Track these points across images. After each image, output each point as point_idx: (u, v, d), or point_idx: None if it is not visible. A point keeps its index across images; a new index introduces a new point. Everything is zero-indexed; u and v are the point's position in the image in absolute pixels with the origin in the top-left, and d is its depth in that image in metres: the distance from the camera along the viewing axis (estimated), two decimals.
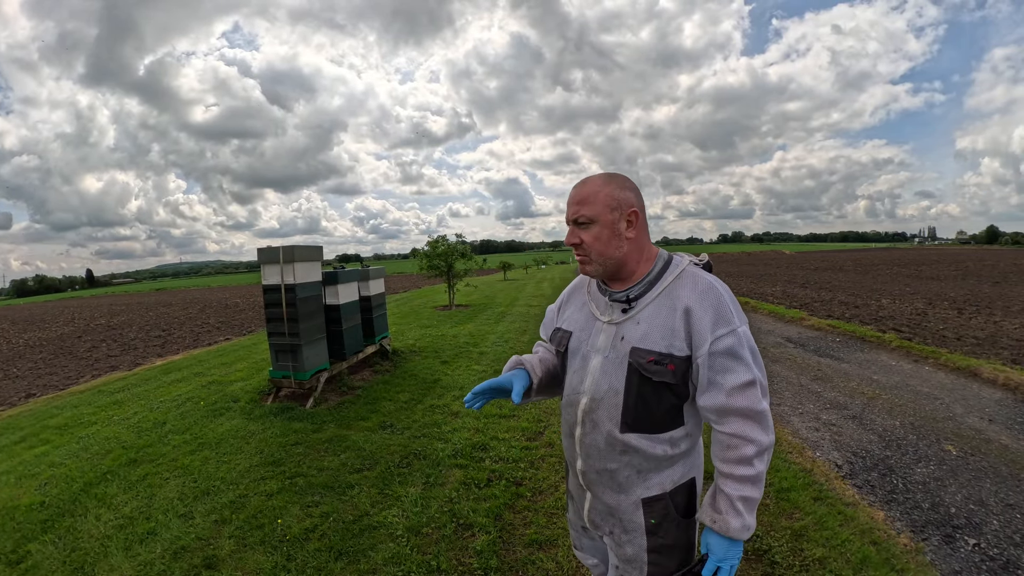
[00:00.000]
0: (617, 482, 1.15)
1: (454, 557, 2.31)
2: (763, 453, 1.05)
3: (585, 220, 1.13)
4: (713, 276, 1.13)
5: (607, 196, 1.12)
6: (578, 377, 1.20)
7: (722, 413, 1.06)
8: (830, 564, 2.16)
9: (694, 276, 1.12)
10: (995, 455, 3.20)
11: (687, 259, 1.18)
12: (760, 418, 1.05)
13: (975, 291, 12.09)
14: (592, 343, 1.18)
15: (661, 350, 1.07)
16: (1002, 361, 5.26)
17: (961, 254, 40.59)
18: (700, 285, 1.09)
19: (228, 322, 14.39)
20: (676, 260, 1.17)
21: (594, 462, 1.17)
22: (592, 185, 1.14)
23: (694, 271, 1.13)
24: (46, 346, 11.85)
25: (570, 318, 1.29)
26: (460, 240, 12.65)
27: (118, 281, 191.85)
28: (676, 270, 1.14)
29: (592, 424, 1.16)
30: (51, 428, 4.60)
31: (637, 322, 1.12)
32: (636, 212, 1.14)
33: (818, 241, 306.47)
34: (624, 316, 1.15)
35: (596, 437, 1.15)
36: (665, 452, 1.12)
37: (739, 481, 1.05)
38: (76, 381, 7.21)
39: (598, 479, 1.18)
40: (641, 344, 1.09)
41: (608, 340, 1.15)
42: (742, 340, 1.05)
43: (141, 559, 2.40)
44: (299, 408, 4.55)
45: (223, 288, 47.45)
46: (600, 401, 1.14)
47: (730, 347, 1.04)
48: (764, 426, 1.05)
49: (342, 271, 5.36)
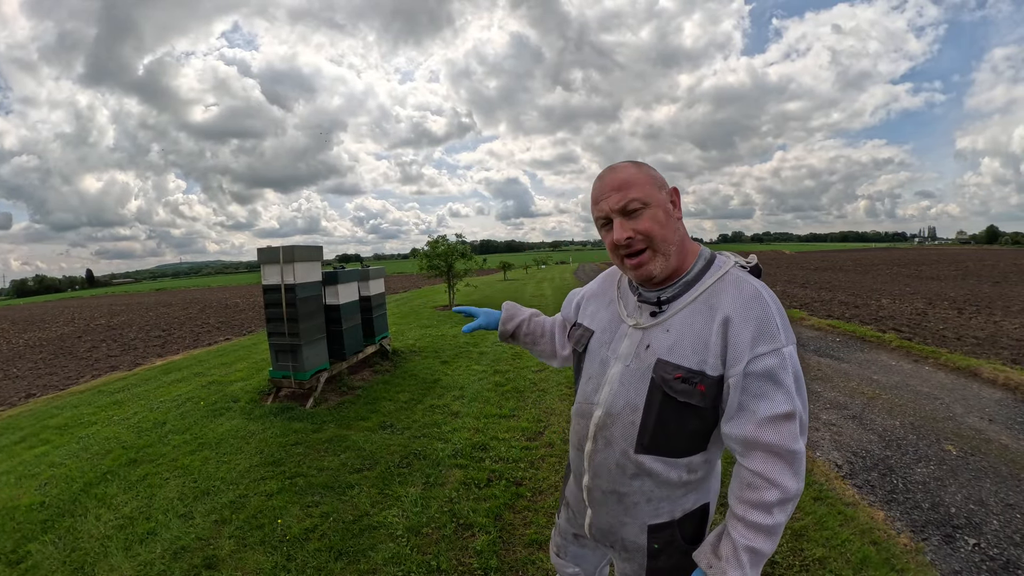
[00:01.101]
0: (624, 506, 1.04)
1: (454, 557, 2.31)
2: (786, 503, 0.90)
3: (639, 205, 0.96)
4: (761, 283, 0.96)
5: (649, 176, 0.99)
6: (593, 385, 1.07)
7: (749, 445, 0.91)
8: (830, 564, 2.16)
9: (738, 280, 0.95)
10: (995, 455, 3.20)
11: (732, 259, 1.02)
12: (792, 459, 0.89)
13: (975, 291, 12.09)
14: (614, 348, 1.05)
15: (691, 366, 0.93)
16: (1002, 361, 5.26)
17: (961, 254, 40.61)
18: (745, 292, 0.93)
19: (228, 322, 14.39)
20: (720, 260, 1.02)
21: (602, 482, 1.05)
22: (627, 169, 1.00)
23: (739, 275, 0.97)
24: (46, 346, 11.85)
25: (594, 315, 1.17)
26: (460, 240, 12.66)
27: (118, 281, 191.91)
28: (718, 272, 0.98)
29: (605, 441, 1.03)
30: (51, 428, 4.60)
31: (667, 329, 0.98)
32: (677, 190, 1.02)
33: (818, 241, 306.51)
34: (653, 321, 1.00)
35: (607, 456, 1.03)
36: (680, 477, 1.00)
37: (751, 528, 0.90)
38: (76, 381, 7.21)
39: (604, 499, 1.07)
40: (669, 356, 0.95)
41: (632, 347, 1.02)
42: (786, 362, 0.90)
43: (141, 559, 2.40)
44: (299, 408, 4.55)
45: (223, 288, 47.46)
46: (616, 417, 1.01)
47: (770, 369, 0.88)
48: (795, 470, 0.89)
49: (342, 271, 5.36)
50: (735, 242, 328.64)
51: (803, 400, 0.92)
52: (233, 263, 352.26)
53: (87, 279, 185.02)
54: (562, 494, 1.33)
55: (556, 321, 1.42)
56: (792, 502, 0.91)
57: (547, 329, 1.41)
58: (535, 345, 1.41)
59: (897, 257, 36.99)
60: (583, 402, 1.10)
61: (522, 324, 1.41)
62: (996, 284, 13.86)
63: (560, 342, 1.40)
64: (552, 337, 1.41)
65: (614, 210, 0.97)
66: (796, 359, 0.93)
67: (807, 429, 0.94)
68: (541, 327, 1.42)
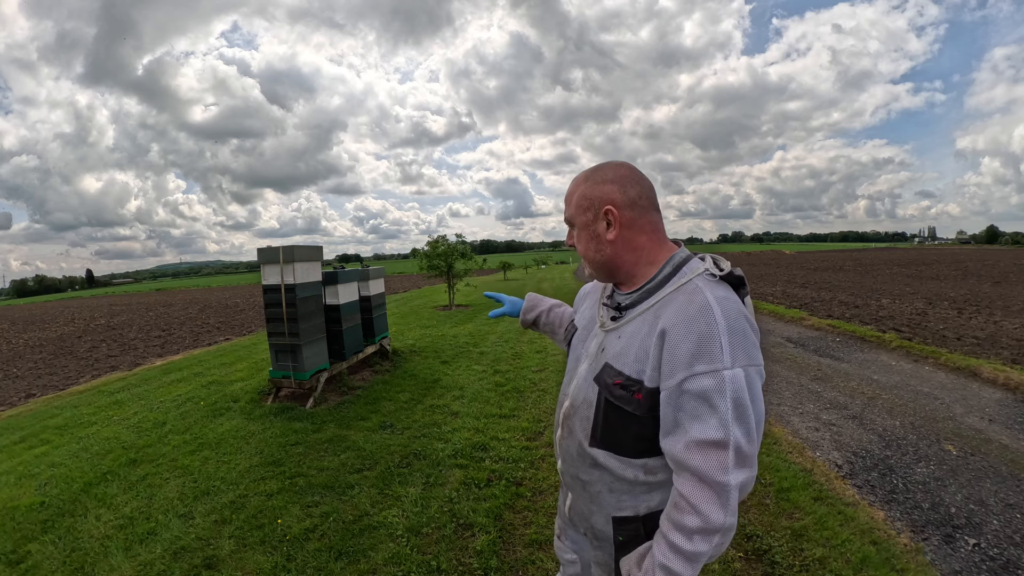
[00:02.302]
0: (589, 494, 1.07)
1: (454, 557, 2.31)
2: (709, 533, 0.85)
3: (570, 223, 1.08)
4: (722, 295, 0.90)
5: (580, 196, 1.03)
6: (568, 377, 1.19)
7: (678, 465, 0.88)
8: (830, 564, 2.16)
9: (693, 291, 0.90)
10: (995, 455, 3.20)
11: (702, 266, 0.95)
12: (719, 490, 0.83)
13: (975, 291, 12.09)
14: (586, 346, 1.14)
15: (631, 374, 0.94)
16: (1002, 361, 5.26)
17: (961, 254, 40.62)
18: (694, 304, 0.88)
19: (228, 322, 14.39)
20: (689, 266, 0.97)
21: (569, 467, 1.13)
22: (573, 183, 1.06)
23: (699, 284, 0.91)
24: (46, 346, 11.85)
25: (583, 314, 1.26)
26: (460, 240, 12.66)
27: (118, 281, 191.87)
28: (680, 280, 0.94)
29: (568, 430, 1.11)
30: (51, 428, 4.60)
31: (619, 336, 1.00)
32: (612, 210, 0.98)
33: (818, 241, 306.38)
34: (612, 325, 1.04)
35: (570, 444, 1.10)
36: (637, 477, 0.99)
37: (670, 548, 0.88)
38: (76, 381, 7.21)
39: (573, 484, 1.13)
40: (614, 362, 0.98)
41: (596, 347, 1.07)
42: (724, 385, 0.83)
43: (141, 559, 2.40)
44: (299, 408, 4.55)
45: (223, 288, 47.46)
46: (576, 409, 1.08)
47: (705, 391, 0.83)
48: (721, 502, 0.84)
49: (342, 271, 5.36)
50: (735, 242, 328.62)
51: (746, 428, 0.84)
52: (233, 263, 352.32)
53: (87, 279, 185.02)
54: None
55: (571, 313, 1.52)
56: (716, 534, 0.85)
57: (565, 320, 1.48)
58: (554, 335, 1.50)
59: (897, 257, 37.00)
60: (561, 392, 1.21)
61: (541, 315, 1.51)
62: (996, 284, 13.86)
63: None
64: (566, 323, 1.48)
65: (566, 220, 1.10)
66: (742, 384, 0.84)
67: (750, 460, 0.85)
68: (560, 318, 1.49)
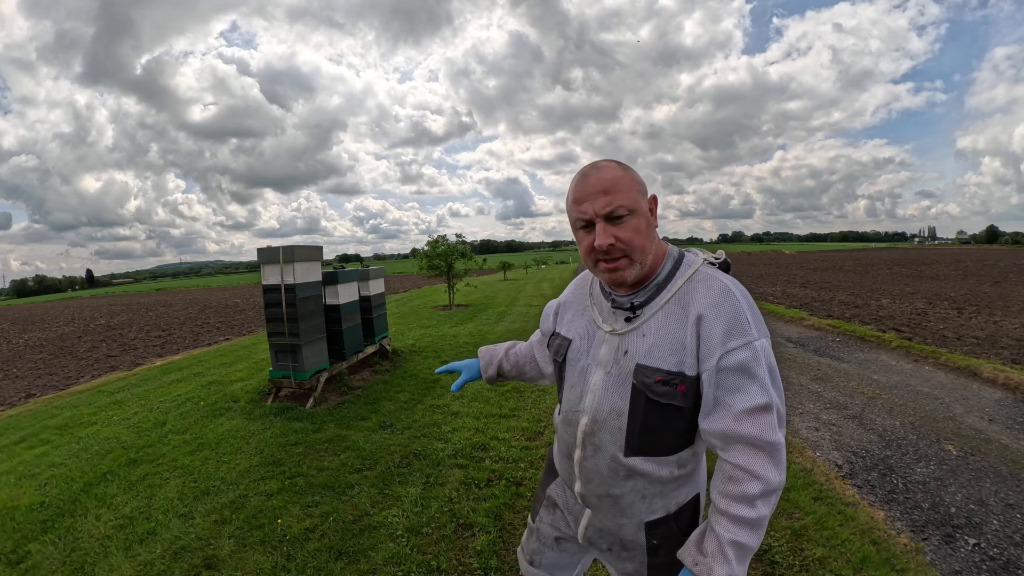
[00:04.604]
0: (620, 508, 1.05)
1: (454, 557, 2.31)
2: (769, 495, 0.89)
3: (624, 212, 0.93)
4: (730, 277, 0.97)
5: (634, 180, 0.96)
6: (577, 393, 1.07)
7: (728, 440, 0.91)
8: (830, 564, 2.16)
9: (708, 278, 0.96)
10: (995, 455, 3.20)
11: (701, 256, 1.02)
12: (772, 451, 0.89)
13: (975, 291, 12.09)
14: (593, 355, 1.05)
15: (670, 368, 0.93)
16: (1002, 361, 5.26)
17: (961, 254, 40.62)
18: (716, 288, 0.94)
19: (228, 322, 14.39)
20: (688, 258, 1.02)
21: (595, 487, 1.06)
22: (614, 171, 0.96)
23: (709, 272, 0.98)
24: (46, 346, 11.85)
25: (570, 324, 1.16)
26: (460, 240, 12.66)
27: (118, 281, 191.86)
28: (688, 271, 0.98)
29: (594, 448, 1.03)
30: (51, 428, 4.60)
31: (643, 334, 0.98)
32: (655, 198, 1.00)
33: (818, 241, 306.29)
34: (628, 326, 1.00)
35: (598, 461, 1.03)
36: (672, 474, 1.01)
37: (734, 522, 0.90)
38: (76, 381, 7.21)
39: (599, 504, 1.07)
40: (647, 361, 0.96)
41: (611, 353, 1.01)
42: (759, 355, 0.89)
43: (141, 559, 2.40)
44: (299, 408, 4.55)
45: (223, 288, 47.47)
46: (602, 423, 1.01)
47: (743, 362, 0.88)
48: (776, 461, 0.89)
49: (342, 271, 5.36)
50: (735, 242, 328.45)
51: (779, 392, 0.91)
52: (233, 263, 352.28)
53: (87, 279, 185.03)
54: (541, 497, 1.30)
55: (533, 343, 1.42)
56: (775, 494, 0.90)
57: (527, 356, 1.42)
58: (523, 375, 1.43)
59: (897, 257, 37.00)
60: (569, 410, 1.09)
61: (501, 363, 1.43)
62: (996, 284, 13.85)
63: (543, 361, 1.39)
64: (534, 360, 1.41)
65: (599, 214, 0.94)
66: (770, 352, 0.92)
67: (785, 421, 0.93)
68: (519, 356, 1.42)
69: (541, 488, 1.33)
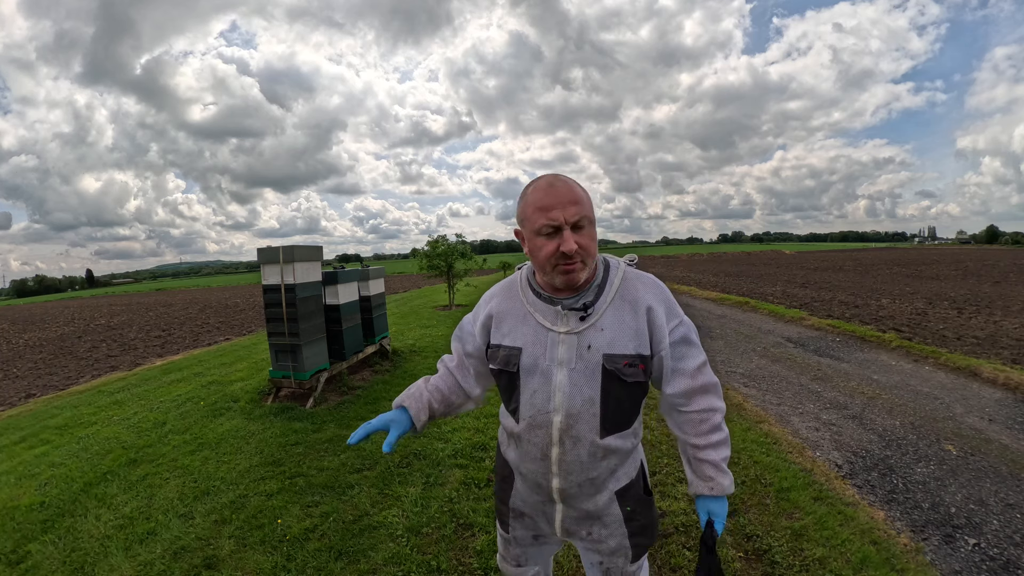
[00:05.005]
0: (596, 487, 1.17)
1: (454, 557, 2.31)
2: (724, 415, 1.19)
3: (587, 222, 1.07)
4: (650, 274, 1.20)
5: (590, 196, 1.11)
6: (543, 395, 1.13)
7: (689, 395, 1.16)
8: (830, 564, 2.16)
9: (638, 275, 1.17)
10: (995, 455, 3.20)
11: (620, 260, 1.22)
12: (717, 389, 1.19)
13: (975, 291, 12.09)
14: (551, 357, 1.11)
15: (631, 352, 1.09)
16: (1002, 361, 5.26)
17: (961, 254, 40.61)
18: (649, 283, 1.16)
19: (228, 322, 14.39)
20: (612, 262, 1.19)
21: (575, 477, 1.15)
22: (574, 184, 1.09)
23: (634, 271, 1.18)
24: (46, 346, 11.85)
25: (513, 333, 1.17)
26: (460, 240, 12.67)
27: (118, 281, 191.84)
28: (618, 272, 1.16)
29: (573, 440, 1.12)
30: (51, 428, 4.60)
31: (600, 329, 1.10)
32: None
33: (818, 241, 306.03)
34: (584, 325, 1.10)
35: (579, 451, 1.12)
36: (632, 444, 1.18)
37: (717, 447, 1.16)
38: (76, 381, 7.21)
39: (579, 491, 1.17)
40: (611, 350, 1.09)
41: (571, 351, 1.10)
42: (689, 328, 1.16)
43: (141, 559, 2.40)
44: (299, 408, 4.55)
45: (223, 288, 47.46)
46: (577, 415, 1.11)
47: (684, 335, 1.15)
48: (719, 394, 1.19)
49: (342, 271, 5.37)
50: (735, 242, 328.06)
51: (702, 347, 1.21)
52: (233, 263, 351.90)
53: (87, 279, 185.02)
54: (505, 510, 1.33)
55: (451, 368, 1.34)
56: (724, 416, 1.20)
57: (449, 384, 1.32)
58: (450, 408, 1.33)
59: (897, 257, 36.99)
60: (536, 414, 1.14)
61: (431, 404, 1.29)
62: (996, 284, 13.85)
63: (468, 384, 1.33)
64: (458, 386, 1.33)
65: (569, 222, 1.04)
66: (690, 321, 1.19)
67: None
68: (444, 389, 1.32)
69: (501, 502, 1.35)
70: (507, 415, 1.25)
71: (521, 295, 1.20)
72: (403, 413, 1.26)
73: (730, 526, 2.48)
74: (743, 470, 3.04)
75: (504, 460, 1.31)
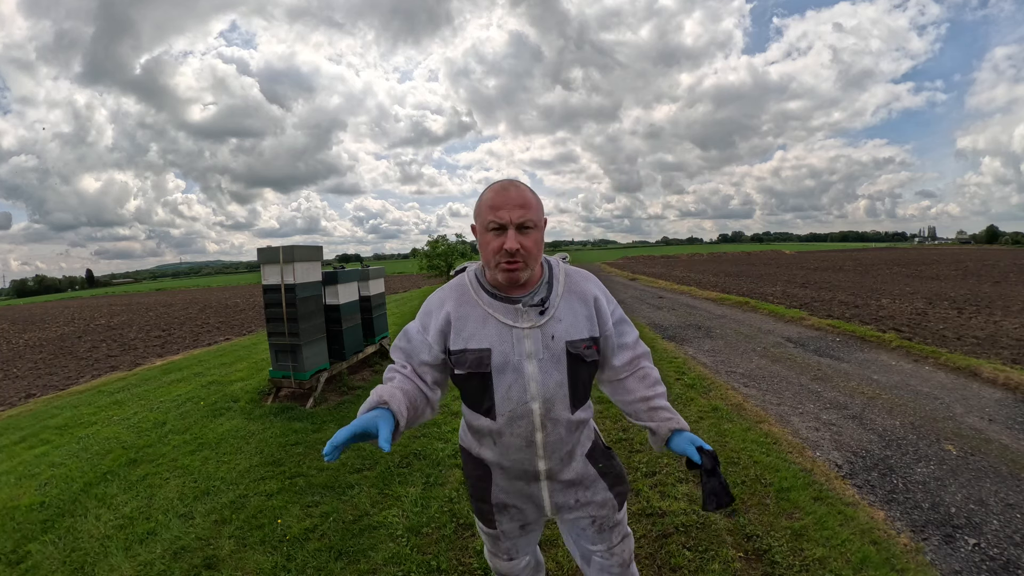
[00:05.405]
0: (572, 456, 1.32)
1: (454, 557, 2.31)
2: None
3: (532, 225, 1.17)
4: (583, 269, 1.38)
5: (540, 204, 1.23)
6: (518, 388, 1.20)
7: (634, 362, 1.36)
8: (830, 564, 2.16)
9: (577, 271, 1.35)
10: (995, 455, 3.20)
11: (558, 258, 1.38)
12: (650, 354, 1.42)
13: (975, 291, 12.09)
14: (519, 351, 1.20)
15: (586, 336, 1.25)
16: (1002, 361, 5.26)
17: (961, 254, 40.61)
18: (590, 277, 1.35)
19: (228, 322, 14.39)
20: (553, 261, 1.34)
21: (558, 453, 1.28)
22: (526, 190, 1.20)
23: (572, 267, 1.36)
24: (46, 346, 11.85)
25: (476, 335, 1.20)
26: (460, 240, 12.68)
27: (118, 281, 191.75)
28: (559, 269, 1.31)
29: (553, 422, 1.24)
30: (51, 428, 4.60)
31: (559, 319, 1.23)
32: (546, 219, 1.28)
33: (818, 241, 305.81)
34: (544, 318, 1.22)
35: (559, 430, 1.25)
36: (590, 413, 1.35)
37: (663, 396, 1.35)
38: (76, 381, 7.21)
39: (560, 465, 1.31)
40: (571, 336, 1.23)
41: (536, 343, 1.21)
42: (620, 309, 1.38)
43: (141, 559, 2.40)
44: (299, 408, 4.55)
45: (223, 288, 47.45)
46: (552, 398, 1.22)
47: (621, 316, 1.36)
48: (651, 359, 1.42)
49: (342, 271, 5.37)
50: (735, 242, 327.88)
51: None
52: (233, 263, 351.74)
53: (87, 279, 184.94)
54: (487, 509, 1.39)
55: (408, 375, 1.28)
56: None
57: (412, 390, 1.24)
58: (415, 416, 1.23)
59: (897, 257, 36.99)
60: (516, 407, 1.22)
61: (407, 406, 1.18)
62: (996, 284, 13.85)
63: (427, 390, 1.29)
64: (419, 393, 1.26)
65: (513, 222, 1.15)
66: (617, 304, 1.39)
67: None
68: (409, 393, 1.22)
69: (481, 502, 1.39)
70: (477, 416, 1.28)
71: (476, 298, 1.26)
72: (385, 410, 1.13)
73: (730, 526, 2.48)
74: (743, 470, 3.04)
75: (476, 460, 1.37)
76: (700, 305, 11.48)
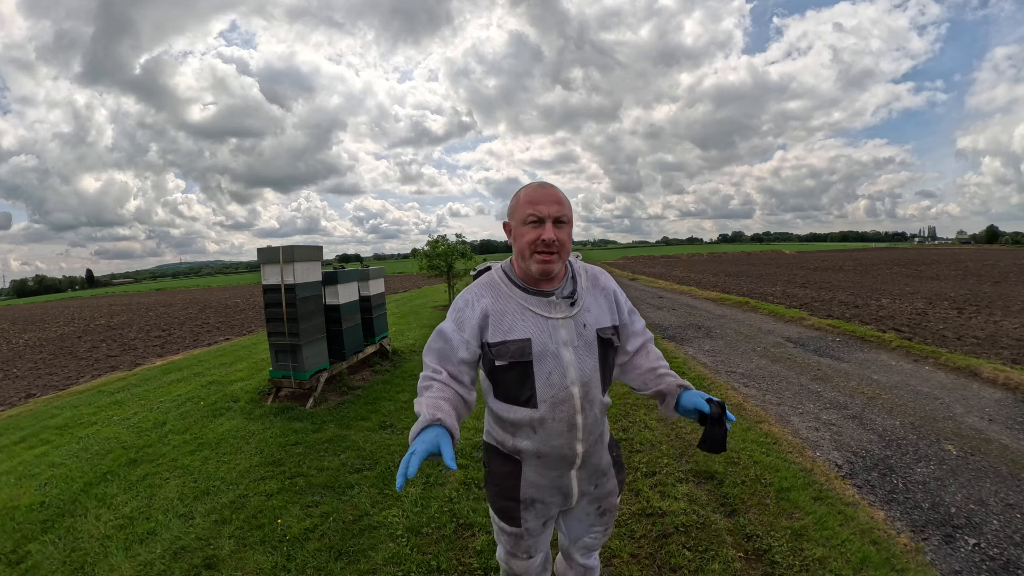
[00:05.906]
0: (602, 441, 1.46)
1: (454, 557, 2.31)
2: None
3: (566, 220, 1.29)
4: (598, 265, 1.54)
5: (570, 203, 1.33)
6: (559, 374, 1.29)
7: (644, 345, 1.51)
8: (830, 564, 2.16)
9: (595, 268, 1.49)
10: (995, 455, 3.20)
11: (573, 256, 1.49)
12: (654, 339, 1.56)
13: (975, 291, 12.09)
14: (555, 339, 1.30)
15: (610, 324, 1.39)
16: (1002, 361, 5.26)
17: (961, 254, 40.60)
18: (605, 273, 1.49)
19: (228, 322, 14.39)
20: (571, 258, 1.45)
21: (593, 436, 1.38)
22: (559, 190, 1.32)
23: (588, 264, 1.49)
24: (46, 346, 11.85)
25: (514, 327, 1.29)
26: (460, 240, 12.66)
27: (118, 281, 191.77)
28: (579, 266, 1.45)
29: (590, 403, 1.33)
30: (51, 428, 4.60)
31: (588, 310, 1.36)
32: None
33: (818, 241, 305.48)
34: (575, 309, 1.34)
35: (595, 412, 1.35)
36: (610, 399, 1.44)
37: (667, 365, 1.48)
38: (76, 381, 7.21)
39: (593, 449, 1.41)
40: (599, 325, 1.36)
41: (570, 332, 1.31)
42: (629, 301, 1.52)
43: (141, 559, 2.40)
44: (299, 408, 4.55)
45: (223, 288, 47.44)
46: (589, 382, 1.32)
47: (631, 307, 1.51)
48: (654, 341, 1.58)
49: (342, 271, 5.37)
50: (735, 242, 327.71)
51: None
52: (233, 263, 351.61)
53: (87, 279, 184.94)
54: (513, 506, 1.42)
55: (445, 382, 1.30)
56: None
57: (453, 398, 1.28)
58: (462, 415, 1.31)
59: (897, 257, 36.98)
60: (558, 391, 1.29)
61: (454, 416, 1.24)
62: (996, 284, 13.85)
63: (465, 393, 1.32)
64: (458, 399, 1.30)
65: (551, 216, 1.26)
66: None
67: None
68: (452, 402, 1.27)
69: (507, 499, 1.40)
70: (513, 408, 1.32)
71: (509, 293, 1.34)
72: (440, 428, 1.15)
73: (730, 526, 2.48)
74: (743, 470, 3.04)
75: (507, 456, 1.40)
76: (700, 305, 11.48)
